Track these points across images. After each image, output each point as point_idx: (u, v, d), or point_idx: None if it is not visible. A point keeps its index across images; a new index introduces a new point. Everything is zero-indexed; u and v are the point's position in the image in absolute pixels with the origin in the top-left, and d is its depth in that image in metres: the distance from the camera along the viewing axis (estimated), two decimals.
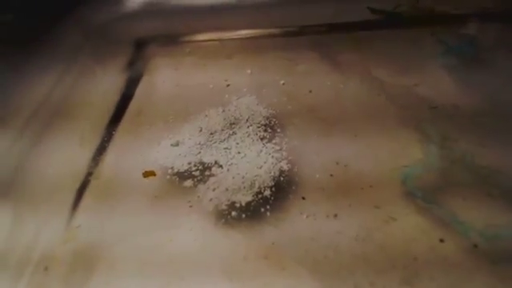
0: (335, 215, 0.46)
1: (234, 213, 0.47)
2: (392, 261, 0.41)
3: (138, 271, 0.43)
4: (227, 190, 0.49)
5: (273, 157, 0.53)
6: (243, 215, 0.46)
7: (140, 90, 0.69)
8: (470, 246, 0.42)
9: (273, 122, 0.59)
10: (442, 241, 0.43)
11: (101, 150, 0.57)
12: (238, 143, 0.55)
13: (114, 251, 0.45)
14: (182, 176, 0.52)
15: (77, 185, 0.53)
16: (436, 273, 0.40)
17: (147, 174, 0.52)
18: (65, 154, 0.57)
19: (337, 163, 0.52)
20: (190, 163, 0.53)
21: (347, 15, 0.81)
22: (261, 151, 0.53)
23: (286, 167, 0.51)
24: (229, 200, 0.48)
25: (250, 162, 0.52)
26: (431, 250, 0.42)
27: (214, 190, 0.49)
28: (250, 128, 0.57)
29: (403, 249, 0.42)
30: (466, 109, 0.59)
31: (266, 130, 0.57)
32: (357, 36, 0.77)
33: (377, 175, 0.50)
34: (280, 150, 0.54)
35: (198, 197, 0.49)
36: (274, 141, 0.55)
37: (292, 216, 0.46)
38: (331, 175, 0.50)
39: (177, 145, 0.56)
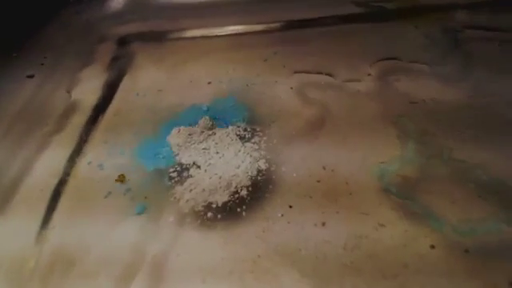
0: (323, 223, 0.45)
1: (209, 213, 0.47)
2: (382, 270, 0.40)
3: (113, 273, 0.43)
4: (204, 190, 0.49)
5: (251, 156, 0.53)
6: (219, 216, 0.46)
7: (121, 89, 0.68)
8: (460, 251, 0.41)
9: (252, 121, 0.58)
10: (432, 247, 0.42)
11: (78, 150, 0.57)
12: (216, 143, 0.55)
13: (89, 253, 0.45)
14: (160, 177, 0.51)
15: (53, 185, 0.52)
16: (427, 281, 0.39)
17: (119, 178, 0.52)
18: (43, 156, 0.57)
19: (323, 167, 0.51)
20: (168, 164, 0.53)
21: (331, 9, 0.81)
22: (239, 151, 0.53)
23: (263, 166, 0.51)
24: (205, 201, 0.48)
25: (227, 162, 0.52)
26: (422, 257, 0.41)
27: (190, 190, 0.49)
28: (230, 127, 0.57)
29: (393, 257, 0.41)
30: (446, 103, 0.59)
31: (245, 129, 0.57)
32: (340, 30, 0.77)
33: (359, 176, 0.49)
34: (258, 149, 0.54)
35: (175, 198, 0.49)
36: (252, 140, 0.55)
37: (279, 225, 0.45)
38: (318, 181, 0.49)
39: (155, 145, 0.56)
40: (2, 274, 0.44)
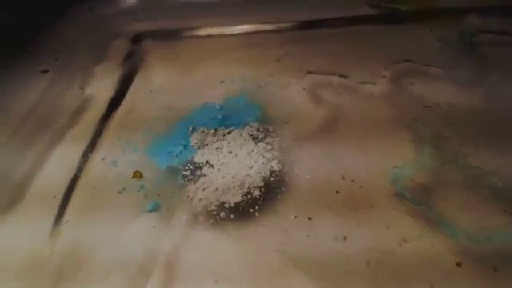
0: (345, 238, 0.44)
1: (222, 213, 0.47)
2: None
3: (125, 272, 0.43)
4: (217, 189, 0.49)
5: (264, 156, 0.53)
6: (232, 216, 0.46)
7: (134, 86, 0.68)
8: (488, 269, 0.40)
9: (265, 121, 0.58)
10: (458, 265, 0.41)
11: (92, 146, 0.57)
12: (229, 142, 0.55)
13: (102, 251, 0.45)
14: (173, 175, 0.52)
15: (67, 181, 0.53)
16: None
17: (136, 174, 0.52)
18: (56, 151, 0.57)
19: (335, 170, 0.50)
20: (180, 162, 0.53)
21: (345, 10, 0.80)
22: (252, 151, 0.53)
23: (276, 167, 0.51)
24: (218, 200, 0.48)
25: (240, 162, 0.52)
26: (448, 276, 0.40)
27: (203, 189, 0.49)
28: (243, 127, 0.57)
29: (418, 275, 0.40)
30: (461, 107, 0.58)
31: (258, 129, 0.57)
32: (353, 31, 0.76)
33: (373, 181, 0.49)
34: (271, 149, 0.54)
35: (188, 196, 0.49)
36: (265, 140, 0.55)
37: (299, 239, 0.44)
38: (334, 187, 0.49)
39: (168, 143, 0.56)
40: (14, 270, 0.44)
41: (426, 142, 0.53)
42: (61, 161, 0.56)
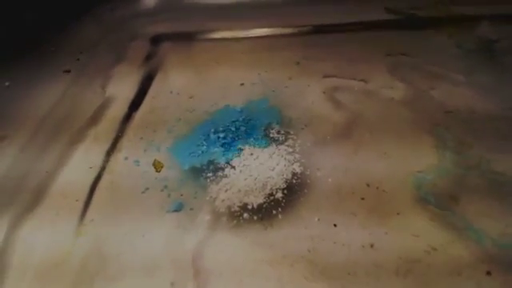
0: (371, 245, 0.44)
1: (245, 214, 0.47)
2: None
3: (149, 272, 0.43)
4: (239, 191, 0.49)
5: (285, 159, 0.53)
6: (255, 217, 0.47)
7: (154, 87, 0.69)
8: None
9: (286, 124, 0.58)
10: (488, 273, 0.40)
11: (114, 145, 0.58)
12: (250, 144, 0.55)
13: (125, 250, 0.45)
14: (195, 176, 0.52)
15: (90, 180, 0.53)
16: None
17: (157, 165, 0.53)
18: (79, 151, 0.58)
19: (357, 174, 0.50)
20: (202, 163, 0.53)
21: (363, 15, 0.80)
22: (273, 153, 0.54)
23: (298, 170, 0.51)
24: (241, 201, 0.48)
25: (262, 164, 0.52)
26: (478, 285, 0.39)
27: (226, 190, 0.50)
28: (263, 129, 0.57)
29: (448, 284, 0.40)
30: (482, 113, 0.58)
31: (278, 132, 0.57)
32: (372, 35, 0.76)
33: (396, 185, 0.49)
34: (293, 152, 0.54)
35: (211, 197, 0.49)
36: (286, 143, 0.55)
37: (326, 246, 0.43)
38: (355, 191, 0.49)
39: (190, 144, 0.56)
40: (37, 270, 0.45)
41: (448, 147, 0.53)
42: (83, 160, 0.56)
